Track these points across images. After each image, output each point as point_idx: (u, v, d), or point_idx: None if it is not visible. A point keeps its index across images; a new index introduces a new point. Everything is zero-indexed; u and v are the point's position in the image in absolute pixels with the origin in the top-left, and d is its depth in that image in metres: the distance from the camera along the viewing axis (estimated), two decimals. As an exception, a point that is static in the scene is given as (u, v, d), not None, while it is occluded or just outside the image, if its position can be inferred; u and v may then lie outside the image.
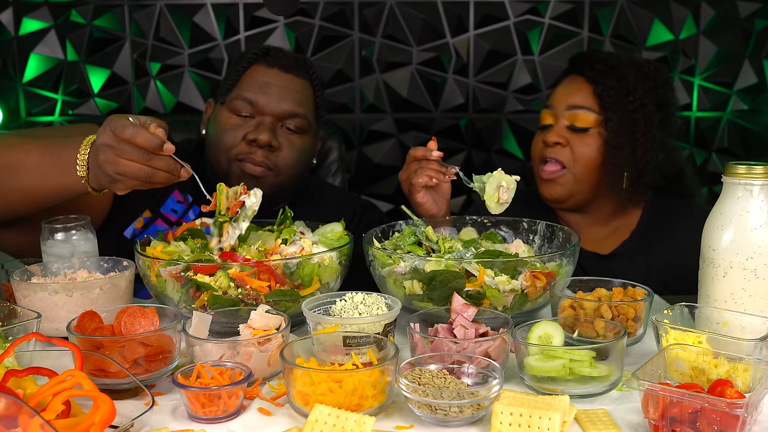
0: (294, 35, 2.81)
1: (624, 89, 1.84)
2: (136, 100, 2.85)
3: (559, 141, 1.86)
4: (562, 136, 1.86)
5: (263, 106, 1.81)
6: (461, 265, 1.36)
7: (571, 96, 1.88)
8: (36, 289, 1.33)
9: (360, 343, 1.18)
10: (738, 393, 0.99)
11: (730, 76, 2.86)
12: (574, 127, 1.85)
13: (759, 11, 2.80)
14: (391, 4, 2.81)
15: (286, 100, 1.82)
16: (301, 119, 1.84)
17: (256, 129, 1.80)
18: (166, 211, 1.89)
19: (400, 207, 1.69)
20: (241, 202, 1.43)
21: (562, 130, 1.87)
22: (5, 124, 2.81)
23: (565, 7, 2.82)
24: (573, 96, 1.88)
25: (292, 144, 1.85)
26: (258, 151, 1.79)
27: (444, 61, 2.85)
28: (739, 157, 2.89)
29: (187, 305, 1.36)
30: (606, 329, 1.23)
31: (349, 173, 2.90)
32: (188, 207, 1.91)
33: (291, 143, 1.84)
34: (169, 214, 1.89)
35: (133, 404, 1.12)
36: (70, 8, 2.76)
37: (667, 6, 2.81)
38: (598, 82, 1.85)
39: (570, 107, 1.87)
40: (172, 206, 1.89)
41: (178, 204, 1.90)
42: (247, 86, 1.84)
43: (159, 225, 1.87)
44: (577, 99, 1.87)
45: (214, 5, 2.79)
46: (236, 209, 1.43)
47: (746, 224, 1.22)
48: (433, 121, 2.90)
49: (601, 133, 1.84)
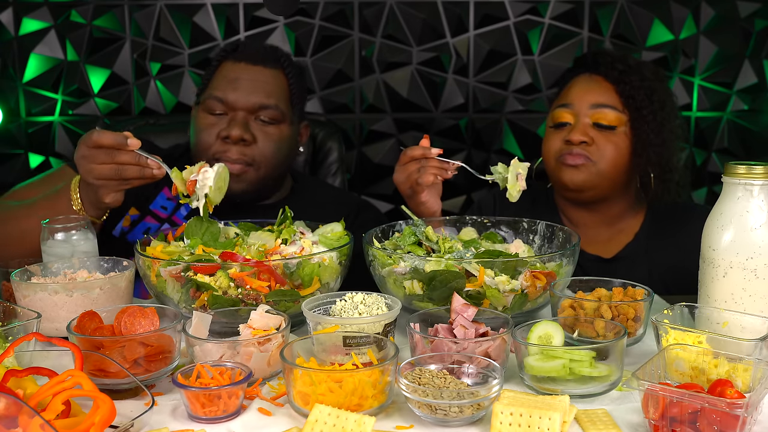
0: (294, 35, 2.81)
1: (648, 89, 1.83)
2: (136, 100, 2.85)
3: (585, 139, 1.81)
4: (587, 134, 1.82)
5: (233, 102, 1.82)
6: (461, 265, 1.36)
7: (593, 94, 1.85)
8: (36, 289, 1.33)
9: (360, 343, 1.18)
10: (738, 393, 0.99)
11: (730, 76, 2.86)
12: (599, 125, 1.82)
13: (759, 11, 2.80)
14: (391, 4, 2.81)
15: (255, 93, 1.83)
16: (273, 110, 1.84)
17: (228, 125, 1.81)
18: (156, 208, 1.89)
19: (400, 207, 1.69)
20: (194, 182, 1.50)
21: (587, 129, 1.83)
22: (5, 124, 2.81)
23: (565, 7, 2.82)
24: (596, 94, 1.84)
25: (268, 135, 1.85)
26: (232, 148, 1.80)
27: (444, 61, 2.85)
28: (739, 157, 2.89)
29: (187, 305, 1.36)
30: (606, 329, 1.23)
31: (349, 173, 2.90)
32: (178, 204, 1.91)
33: (267, 135, 1.85)
34: (158, 211, 1.90)
35: (133, 404, 1.12)
36: (70, 8, 2.76)
37: (667, 6, 2.82)
38: (622, 82, 1.83)
39: (594, 105, 1.83)
40: (162, 203, 1.90)
41: (168, 201, 1.90)
42: (217, 84, 1.85)
43: (148, 222, 1.87)
44: (600, 97, 1.84)
45: (214, 5, 2.79)
46: (192, 188, 1.50)
47: (746, 224, 1.22)
48: (433, 121, 2.90)
49: (626, 132, 1.82)
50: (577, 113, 1.85)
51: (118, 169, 1.50)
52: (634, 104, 1.82)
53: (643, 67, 1.88)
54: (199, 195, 1.50)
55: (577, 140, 1.81)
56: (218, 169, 1.51)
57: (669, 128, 1.85)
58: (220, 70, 1.88)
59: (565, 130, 1.86)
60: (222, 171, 1.52)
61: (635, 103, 1.82)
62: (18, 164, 2.87)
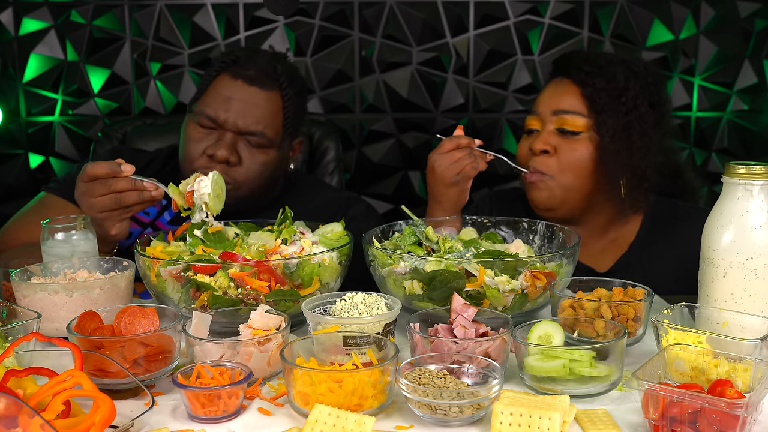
0: (294, 35, 2.81)
1: (615, 90, 1.75)
2: (136, 100, 2.85)
3: (546, 149, 1.76)
4: (549, 143, 1.76)
5: (224, 122, 1.81)
6: (461, 265, 1.36)
7: (557, 100, 1.78)
8: (36, 289, 1.33)
9: (360, 343, 1.18)
10: (738, 393, 0.99)
11: (730, 76, 2.86)
12: (563, 130, 1.76)
13: (759, 11, 2.80)
14: (391, 4, 2.81)
15: (245, 117, 1.81)
16: (259, 137, 1.83)
17: (215, 144, 1.81)
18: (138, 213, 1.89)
19: (400, 207, 1.69)
20: (192, 192, 1.52)
21: (550, 136, 1.77)
22: (5, 124, 2.81)
23: (565, 7, 2.82)
24: (559, 100, 1.78)
25: (254, 158, 1.84)
26: (217, 166, 1.78)
27: (444, 61, 2.85)
28: (739, 157, 2.89)
29: (187, 305, 1.36)
30: (606, 329, 1.23)
31: (349, 173, 2.90)
32: (162, 209, 1.91)
33: (253, 157, 1.84)
34: (140, 215, 1.90)
35: (133, 404, 1.12)
36: (70, 8, 2.76)
37: (667, 6, 2.81)
38: (587, 84, 1.75)
39: (556, 112, 1.77)
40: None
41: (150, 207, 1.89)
42: (211, 100, 1.83)
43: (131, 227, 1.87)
44: (563, 103, 1.77)
45: (214, 5, 2.79)
46: (191, 199, 1.52)
47: (746, 224, 1.22)
48: (433, 121, 2.90)
49: (592, 137, 1.74)
50: (543, 120, 1.80)
51: (117, 198, 1.52)
52: (598, 107, 1.74)
53: (613, 67, 1.78)
54: (199, 204, 1.51)
55: (538, 149, 1.77)
56: (213, 176, 1.52)
57: (640, 131, 1.75)
58: (216, 82, 1.85)
59: (533, 138, 1.81)
60: (218, 178, 1.53)
61: (599, 106, 1.74)
62: (18, 164, 2.87)
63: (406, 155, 2.92)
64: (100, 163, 1.52)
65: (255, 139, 1.83)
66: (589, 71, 1.77)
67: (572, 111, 1.76)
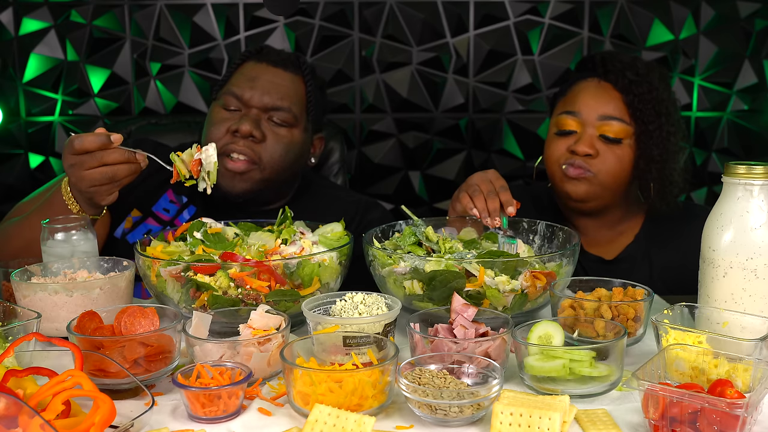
0: (294, 35, 2.81)
1: (655, 100, 1.79)
2: (136, 100, 2.85)
3: (590, 152, 1.78)
4: (593, 146, 1.78)
5: (248, 99, 1.82)
6: (461, 265, 1.36)
7: (602, 105, 1.80)
8: (36, 289, 1.33)
9: (360, 343, 1.18)
10: (738, 393, 0.99)
11: (730, 76, 2.86)
12: (606, 137, 1.78)
13: (759, 11, 2.80)
14: (391, 4, 2.81)
15: (270, 93, 1.83)
16: (285, 112, 1.83)
17: (240, 120, 1.81)
18: (158, 210, 1.89)
19: (400, 207, 1.69)
20: (199, 161, 1.53)
21: (594, 141, 1.79)
22: (5, 124, 2.81)
23: (565, 7, 2.82)
24: (605, 105, 1.80)
25: (278, 137, 1.83)
26: (240, 141, 1.79)
27: (444, 61, 2.85)
28: (739, 157, 2.89)
29: (187, 305, 1.36)
30: (606, 329, 1.23)
31: (350, 173, 2.90)
32: (182, 207, 1.90)
33: (277, 136, 1.83)
34: (161, 213, 1.90)
35: (133, 404, 1.12)
36: (70, 8, 2.76)
37: (667, 6, 2.81)
38: (630, 92, 1.78)
39: (602, 117, 1.79)
40: (165, 205, 1.90)
41: (170, 204, 1.90)
42: (236, 81, 1.86)
43: (149, 224, 1.87)
44: (609, 109, 1.79)
45: (214, 5, 2.79)
46: (197, 168, 1.53)
47: (746, 224, 1.22)
48: (433, 121, 2.90)
49: (631, 145, 1.79)
50: (584, 123, 1.80)
51: (109, 171, 1.52)
52: (642, 117, 1.77)
53: (651, 73, 1.82)
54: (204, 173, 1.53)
55: (583, 152, 1.78)
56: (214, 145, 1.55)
57: (674, 141, 1.81)
58: (241, 68, 1.89)
59: (571, 139, 1.81)
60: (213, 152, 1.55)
61: (643, 116, 1.77)
62: (18, 164, 2.87)
63: (406, 155, 2.92)
64: (89, 136, 1.51)
65: (281, 114, 1.83)
66: (632, 79, 1.80)
67: (616, 117, 1.79)
